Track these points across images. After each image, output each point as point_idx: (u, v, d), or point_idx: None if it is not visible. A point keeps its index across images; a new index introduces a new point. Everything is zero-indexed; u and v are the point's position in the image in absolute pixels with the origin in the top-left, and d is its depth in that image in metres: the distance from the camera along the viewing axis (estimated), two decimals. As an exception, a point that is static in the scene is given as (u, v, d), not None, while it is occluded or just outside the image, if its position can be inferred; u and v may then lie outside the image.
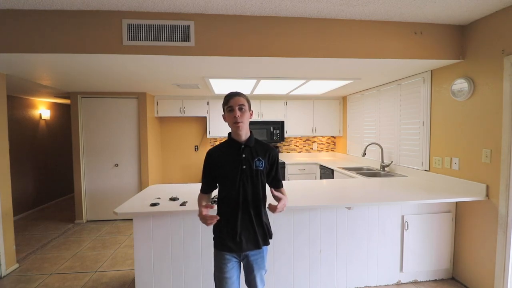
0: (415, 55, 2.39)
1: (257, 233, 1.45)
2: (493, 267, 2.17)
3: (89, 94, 4.12)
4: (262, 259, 1.51)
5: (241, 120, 1.41)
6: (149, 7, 2.04)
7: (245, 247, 1.43)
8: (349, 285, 2.40)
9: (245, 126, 1.44)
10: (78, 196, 4.15)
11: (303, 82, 3.42)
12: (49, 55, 2.14)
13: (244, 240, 1.43)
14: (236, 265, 1.49)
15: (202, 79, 3.19)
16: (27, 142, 4.73)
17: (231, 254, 1.46)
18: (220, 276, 1.45)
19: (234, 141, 1.48)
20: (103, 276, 2.65)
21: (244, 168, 1.43)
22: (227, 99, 1.44)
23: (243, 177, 1.42)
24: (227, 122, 1.48)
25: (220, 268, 1.46)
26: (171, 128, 5.10)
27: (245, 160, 1.43)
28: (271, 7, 2.06)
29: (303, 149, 5.40)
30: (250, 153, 1.46)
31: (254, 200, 1.44)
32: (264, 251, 1.52)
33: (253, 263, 1.48)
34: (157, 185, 2.79)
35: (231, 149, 1.47)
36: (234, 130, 1.46)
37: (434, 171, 2.78)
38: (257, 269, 1.49)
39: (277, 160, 1.56)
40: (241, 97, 1.44)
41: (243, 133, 1.45)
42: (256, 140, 1.52)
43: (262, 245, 1.47)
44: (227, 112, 1.45)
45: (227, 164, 1.45)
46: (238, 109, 1.41)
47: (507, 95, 2.03)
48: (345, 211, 2.34)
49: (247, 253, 1.47)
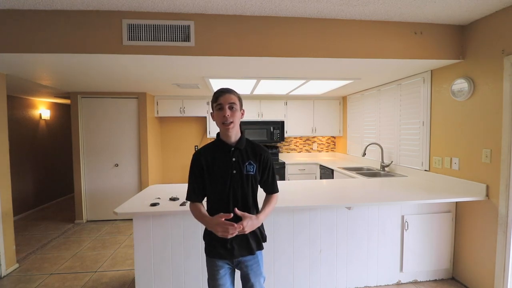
0: (415, 55, 2.39)
1: (249, 238, 1.36)
2: (493, 267, 2.17)
3: (89, 94, 4.12)
4: (258, 265, 1.42)
5: (231, 120, 1.29)
6: (149, 7, 2.04)
7: (237, 254, 1.35)
8: (349, 285, 2.40)
9: (235, 127, 1.33)
10: (78, 196, 4.15)
11: (303, 82, 3.42)
12: (49, 55, 2.14)
13: (236, 246, 1.34)
14: (228, 272, 1.42)
15: (202, 79, 3.19)
16: (27, 142, 4.73)
17: (223, 261, 1.38)
18: (214, 283, 1.39)
19: (223, 143, 1.36)
20: (103, 276, 2.65)
21: (234, 173, 1.32)
22: (217, 96, 1.31)
23: (233, 183, 1.32)
24: (215, 121, 1.34)
25: (212, 275, 1.39)
26: (171, 128, 5.10)
27: (236, 164, 1.32)
28: (271, 7, 2.06)
29: (303, 149, 5.40)
30: (240, 156, 1.34)
31: (245, 206, 1.35)
32: (259, 256, 1.43)
33: (248, 270, 1.40)
34: (157, 185, 2.79)
35: (220, 152, 1.35)
36: (223, 131, 1.34)
37: (434, 171, 2.78)
38: (254, 276, 1.40)
39: (271, 163, 1.43)
40: (232, 95, 1.31)
41: (233, 134, 1.34)
42: (247, 141, 1.40)
43: (256, 250, 1.39)
44: (216, 111, 1.31)
45: (216, 168, 1.33)
46: (228, 107, 1.28)
47: (507, 95, 2.03)
48: (345, 211, 2.34)
49: (240, 259, 1.39)
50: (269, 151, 1.63)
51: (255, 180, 1.37)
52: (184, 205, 2.05)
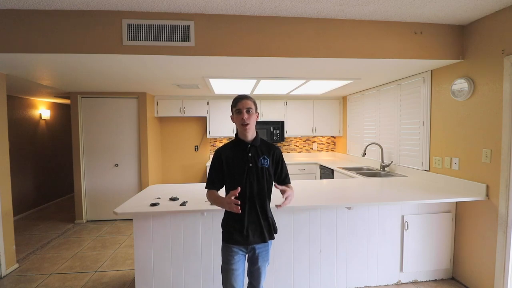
0: (415, 55, 2.39)
1: (264, 227, 1.54)
2: (493, 267, 2.17)
3: (89, 94, 4.12)
4: (267, 253, 1.60)
5: (248, 122, 1.52)
6: (149, 7, 2.04)
7: (252, 240, 1.52)
8: (349, 285, 2.40)
9: (251, 127, 1.55)
10: (78, 196, 4.15)
11: (303, 82, 3.42)
12: (49, 55, 2.14)
13: (251, 233, 1.52)
14: (242, 258, 1.58)
15: (202, 79, 3.19)
16: (27, 142, 4.73)
17: (239, 247, 1.55)
18: (227, 267, 1.55)
19: (241, 141, 1.58)
20: (103, 276, 2.65)
21: (250, 166, 1.52)
22: (236, 102, 1.55)
23: (249, 175, 1.52)
24: (235, 123, 1.58)
25: (227, 260, 1.55)
26: (171, 128, 5.09)
27: (251, 159, 1.54)
28: (271, 7, 2.06)
29: (303, 149, 5.40)
30: (256, 152, 1.56)
31: (260, 196, 1.53)
32: (269, 245, 1.61)
33: (258, 256, 1.57)
34: (157, 185, 2.79)
35: (238, 148, 1.57)
36: (241, 131, 1.56)
37: (434, 171, 2.78)
38: (262, 261, 1.59)
39: (282, 158, 1.66)
40: (249, 100, 1.55)
41: (249, 134, 1.56)
42: (261, 140, 1.63)
43: (268, 239, 1.56)
44: (236, 114, 1.56)
45: (235, 162, 1.54)
46: (246, 111, 1.52)
47: (507, 95, 2.03)
48: (345, 211, 2.34)
49: (254, 246, 1.55)
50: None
51: (269, 173, 1.56)
52: (184, 205, 2.05)
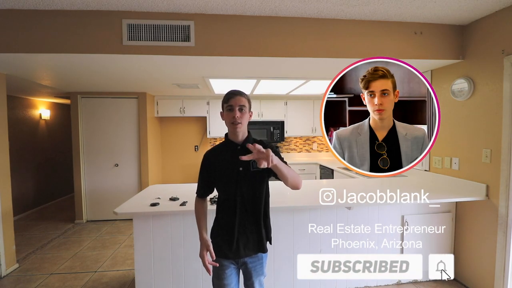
0: (415, 55, 2.38)
1: (255, 239, 1.39)
2: (493, 267, 2.17)
3: (89, 94, 4.11)
4: (261, 266, 1.45)
5: (240, 121, 1.34)
6: (149, 7, 2.04)
7: (242, 254, 1.38)
8: (349, 285, 2.40)
9: (243, 127, 1.37)
10: (78, 196, 4.15)
11: (303, 82, 3.41)
12: (49, 55, 2.14)
13: (242, 246, 1.37)
14: (234, 272, 1.44)
15: (202, 79, 3.19)
16: (27, 142, 4.73)
17: (229, 261, 1.41)
18: (219, 283, 1.42)
19: (230, 142, 1.40)
20: (103, 276, 2.65)
21: (240, 170, 1.35)
22: (228, 98, 1.36)
23: (239, 180, 1.35)
24: (224, 120, 1.39)
25: (218, 275, 1.42)
26: (171, 128, 5.09)
27: (242, 161, 1.30)
28: (271, 7, 2.06)
29: (303, 149, 5.40)
30: (247, 154, 1.37)
31: (253, 204, 1.38)
32: (264, 258, 1.46)
33: (251, 270, 1.42)
34: (157, 185, 2.79)
35: (228, 151, 1.40)
36: (232, 131, 1.38)
37: (434, 171, 2.78)
38: (256, 275, 1.44)
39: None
40: (243, 97, 1.36)
41: (240, 134, 1.38)
42: (254, 140, 1.42)
43: (260, 252, 1.42)
44: (226, 111, 1.36)
45: (224, 166, 1.38)
46: (238, 109, 1.33)
47: (507, 95, 2.03)
48: (345, 211, 2.34)
49: (245, 259, 1.41)
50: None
51: (261, 175, 1.37)
52: (184, 205, 2.05)
